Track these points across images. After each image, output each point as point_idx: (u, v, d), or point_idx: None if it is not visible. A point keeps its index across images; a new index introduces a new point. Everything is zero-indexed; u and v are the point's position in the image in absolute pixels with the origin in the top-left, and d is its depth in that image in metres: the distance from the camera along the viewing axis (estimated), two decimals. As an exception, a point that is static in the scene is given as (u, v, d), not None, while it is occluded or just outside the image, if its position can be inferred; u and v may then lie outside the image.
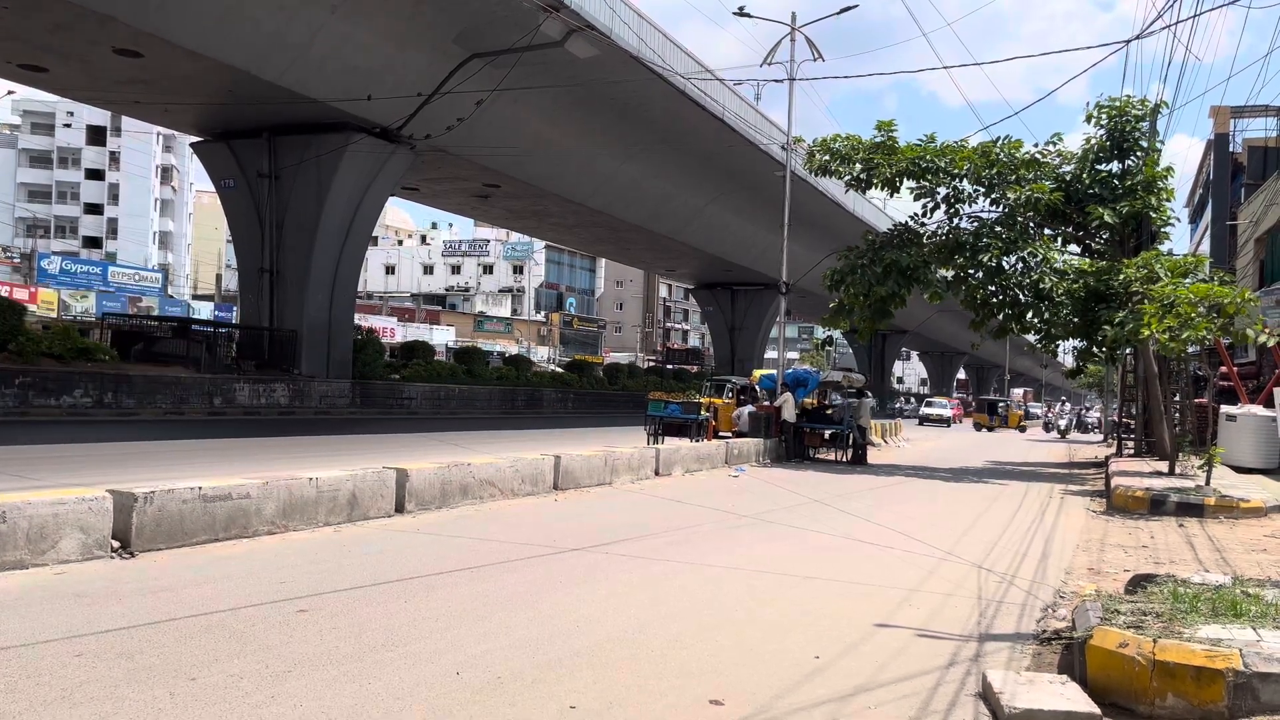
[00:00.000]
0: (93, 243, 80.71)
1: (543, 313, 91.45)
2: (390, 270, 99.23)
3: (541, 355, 71.35)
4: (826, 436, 22.42)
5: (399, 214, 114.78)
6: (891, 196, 22.13)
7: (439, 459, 11.57)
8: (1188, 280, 17.30)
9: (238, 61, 22.28)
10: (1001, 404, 58.68)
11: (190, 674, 4.55)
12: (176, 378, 23.84)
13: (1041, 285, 20.42)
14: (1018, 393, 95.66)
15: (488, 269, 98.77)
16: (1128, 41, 14.95)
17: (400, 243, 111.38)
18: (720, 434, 23.68)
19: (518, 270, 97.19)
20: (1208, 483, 13.83)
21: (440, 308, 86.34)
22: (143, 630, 5.23)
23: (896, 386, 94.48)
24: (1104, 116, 20.95)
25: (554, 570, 7.53)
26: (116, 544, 7.03)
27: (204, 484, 7.91)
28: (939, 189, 21.04)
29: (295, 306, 27.89)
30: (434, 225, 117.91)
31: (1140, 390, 24.25)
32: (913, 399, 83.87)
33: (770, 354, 59.26)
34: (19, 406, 20.00)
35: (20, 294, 46.80)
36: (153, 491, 7.33)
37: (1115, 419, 31.85)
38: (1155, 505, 12.74)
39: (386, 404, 30.73)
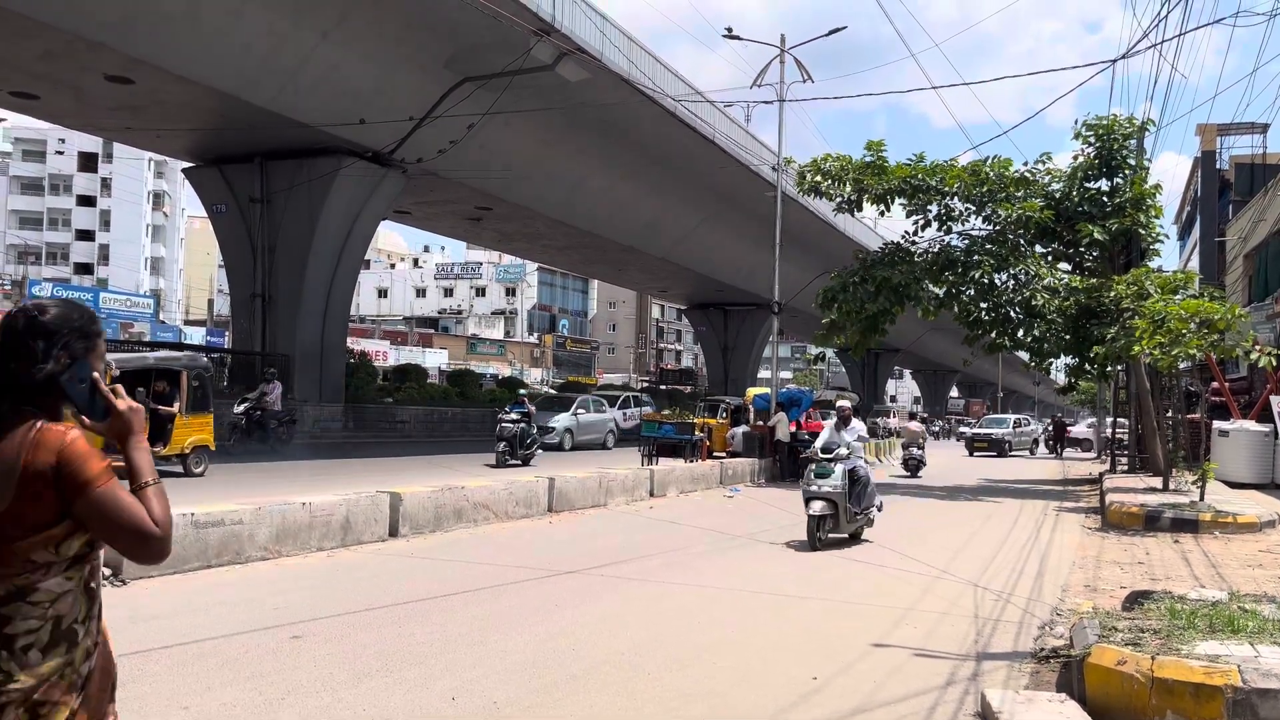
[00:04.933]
0: (84, 269, 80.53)
1: (535, 334, 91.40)
2: (383, 293, 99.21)
3: (535, 377, 71.26)
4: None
5: (391, 237, 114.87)
6: (883, 215, 22.24)
7: (433, 483, 11.53)
8: (1178, 296, 17.38)
9: (229, 87, 22.32)
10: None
11: (183, 703, 4.51)
12: (168, 403, 23.66)
13: (1033, 302, 20.49)
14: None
15: (480, 291, 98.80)
16: (1114, 61, 15.12)
17: (393, 266, 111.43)
18: (714, 454, 23.64)
19: (510, 292, 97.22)
20: (1202, 498, 13.83)
21: (433, 330, 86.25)
22: (134, 659, 5.18)
23: (890, 405, 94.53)
24: (1092, 135, 21.07)
25: (549, 593, 7.50)
26: (108, 571, 6.98)
27: (196, 510, 7.87)
28: (930, 207, 21.16)
29: (287, 331, 27.81)
30: (426, 248, 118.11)
31: (1133, 407, 24.29)
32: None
33: (764, 373, 59.34)
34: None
35: (11, 321, 46.64)
36: (144, 518, 7.27)
37: (1109, 435, 31.88)
38: (1150, 521, 12.74)
39: (379, 427, 30.62)
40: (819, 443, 11.13)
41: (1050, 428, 47.62)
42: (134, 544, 2.01)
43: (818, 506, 10.32)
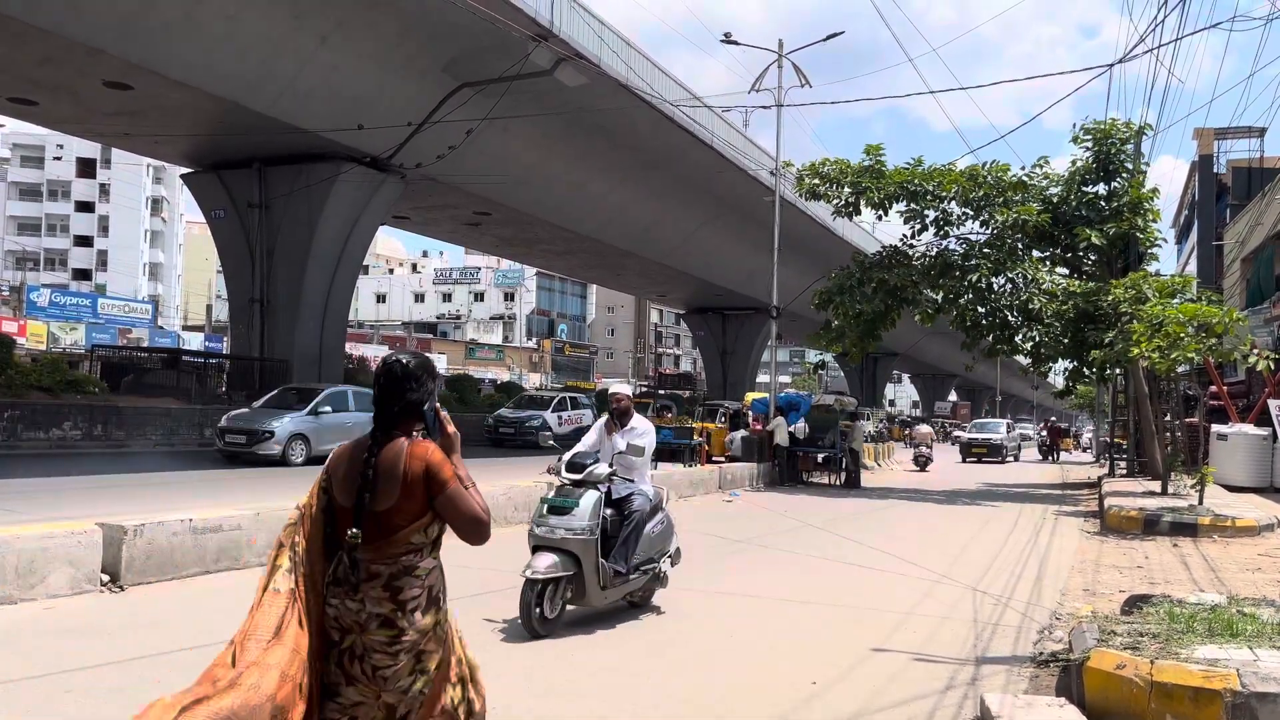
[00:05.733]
0: (83, 275, 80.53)
1: (534, 339, 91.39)
2: (381, 299, 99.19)
3: (533, 382, 71.24)
4: (820, 460, 22.42)
5: (390, 242, 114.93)
6: (881, 219, 22.26)
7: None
8: (1175, 300, 17.41)
9: (227, 92, 22.33)
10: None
11: (181, 709, 4.50)
12: (166, 409, 23.69)
13: (1031, 306, 20.51)
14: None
15: (479, 296, 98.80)
16: (1111, 65, 15.17)
17: (391, 271, 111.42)
18: (713, 459, 23.64)
19: (509, 297, 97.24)
20: (1201, 502, 13.84)
21: (431, 336, 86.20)
22: (133, 665, 5.18)
23: (889, 409, 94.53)
24: (1089, 139, 21.12)
25: (548, 598, 7.48)
26: (106, 578, 6.97)
27: (194, 515, 7.86)
28: (927, 211, 21.18)
29: (286, 336, 27.79)
30: (425, 253, 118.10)
31: (1131, 410, 24.31)
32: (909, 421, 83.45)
33: (762, 378, 59.31)
34: (8, 440, 19.86)
35: (9, 327, 46.66)
36: (142, 524, 7.28)
37: (1107, 439, 31.90)
38: (1149, 525, 12.74)
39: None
40: (569, 454, 7.04)
41: (1044, 433, 46.98)
42: (472, 527, 2.78)
43: (543, 564, 6.28)
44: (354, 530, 2.72)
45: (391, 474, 2.72)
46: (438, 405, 2.89)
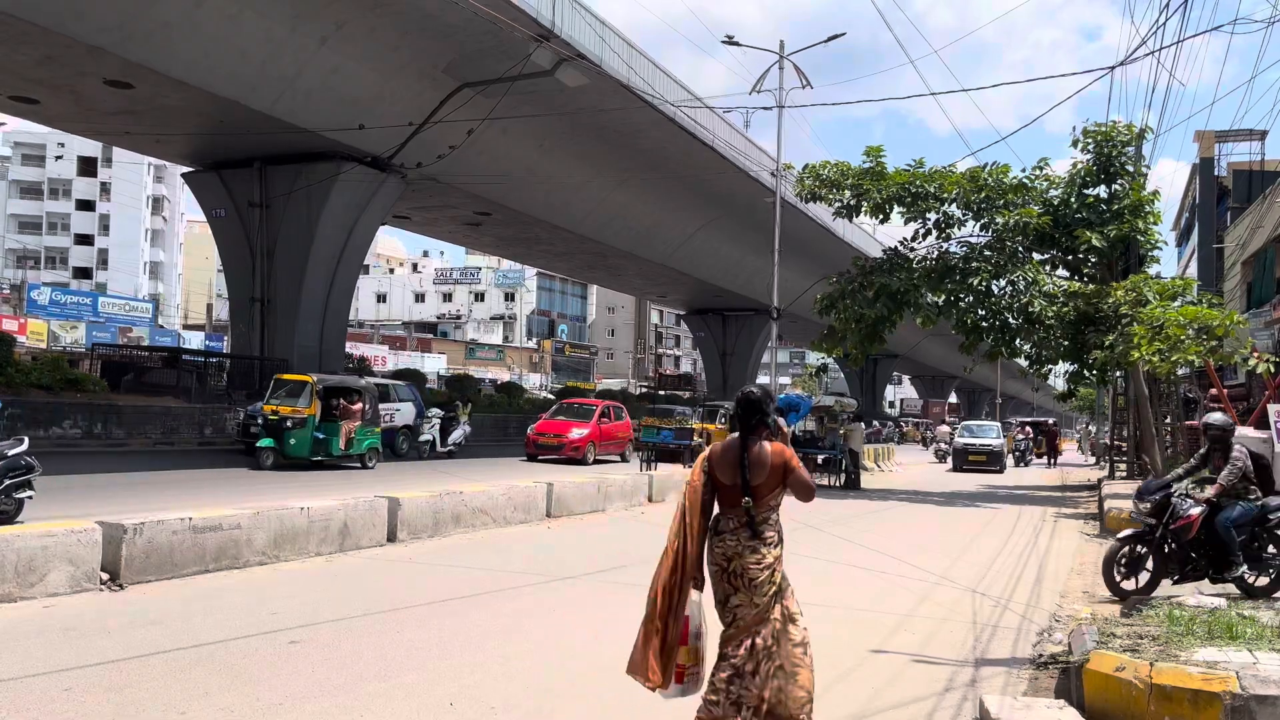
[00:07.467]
0: (83, 273, 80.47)
1: (534, 340, 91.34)
2: (381, 299, 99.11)
3: (533, 382, 71.15)
4: (819, 461, 22.41)
5: (390, 242, 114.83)
6: (882, 223, 22.22)
7: (431, 488, 11.52)
8: (1176, 303, 17.40)
9: (228, 92, 22.33)
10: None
11: (180, 708, 4.50)
12: (166, 408, 23.67)
13: (1031, 309, 20.48)
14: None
15: (479, 297, 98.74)
16: (1112, 68, 15.16)
17: (392, 271, 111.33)
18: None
19: (509, 298, 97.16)
20: (1200, 505, 13.80)
21: (432, 336, 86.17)
22: (132, 663, 5.18)
23: (889, 410, 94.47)
24: (1090, 142, 21.08)
25: (547, 599, 7.49)
26: (106, 576, 6.97)
27: (194, 515, 7.86)
28: (928, 214, 21.17)
29: (286, 335, 27.79)
30: (425, 253, 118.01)
31: (1131, 413, 24.30)
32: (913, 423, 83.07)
33: (763, 379, 59.27)
34: (7, 438, 19.85)
35: (10, 325, 46.63)
36: (142, 523, 7.28)
37: (1107, 442, 31.87)
38: (1148, 528, 12.72)
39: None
40: None
41: (1020, 436, 44.54)
42: (807, 493, 4.19)
43: None
44: (748, 499, 4.09)
45: (761, 462, 4.11)
46: (778, 417, 4.28)
